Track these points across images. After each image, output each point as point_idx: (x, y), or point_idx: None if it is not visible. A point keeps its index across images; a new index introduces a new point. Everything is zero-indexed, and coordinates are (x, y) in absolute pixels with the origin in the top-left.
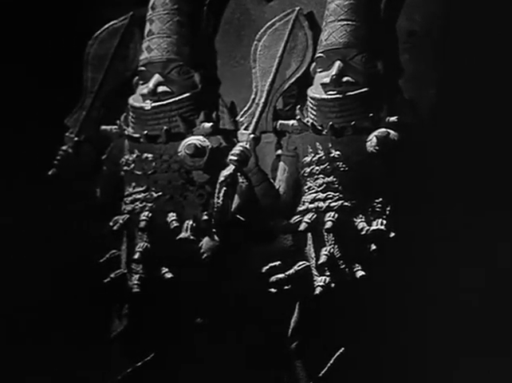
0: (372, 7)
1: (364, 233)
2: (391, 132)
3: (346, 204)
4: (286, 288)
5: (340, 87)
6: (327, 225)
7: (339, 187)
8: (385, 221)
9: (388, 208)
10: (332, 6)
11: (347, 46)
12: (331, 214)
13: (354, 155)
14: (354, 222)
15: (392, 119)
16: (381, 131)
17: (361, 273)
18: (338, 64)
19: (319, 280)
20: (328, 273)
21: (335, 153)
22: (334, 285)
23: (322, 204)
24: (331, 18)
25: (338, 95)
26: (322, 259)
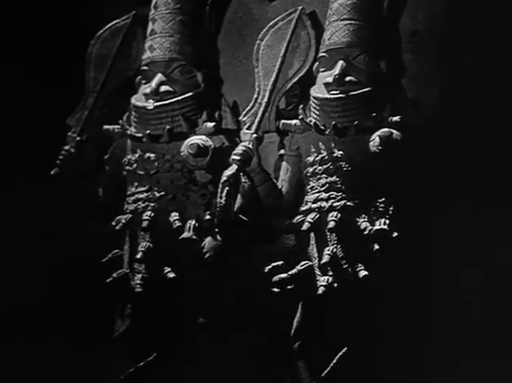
0: (375, 6)
1: (367, 233)
2: (394, 132)
3: (349, 204)
4: (289, 288)
5: (343, 86)
6: (330, 225)
7: (342, 186)
8: (388, 221)
9: (391, 208)
10: (335, 6)
11: (350, 46)
12: (334, 213)
13: (357, 154)
14: (357, 222)
15: (395, 118)
16: (384, 130)
17: (364, 273)
18: (341, 63)
19: (322, 280)
20: (330, 273)
21: (338, 153)
22: (337, 285)
23: (325, 204)
24: (334, 18)
25: (341, 94)
26: (325, 259)
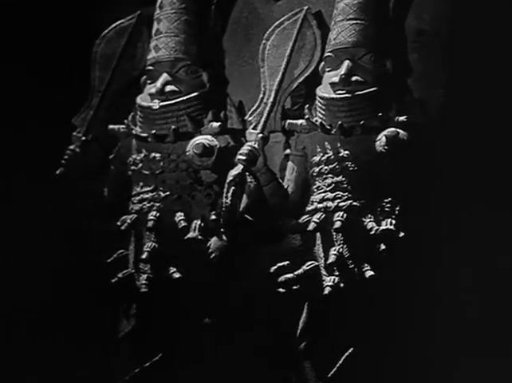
0: (381, 6)
1: (373, 233)
2: (400, 132)
3: (355, 204)
4: (295, 288)
5: (349, 86)
6: (336, 225)
7: (348, 186)
8: (394, 221)
9: (397, 208)
10: (340, 5)
11: (356, 45)
12: (340, 213)
13: (363, 154)
14: (363, 221)
15: (401, 118)
16: (390, 130)
17: (370, 273)
18: (347, 63)
19: (328, 280)
20: (337, 273)
21: (344, 153)
22: (343, 285)
23: (331, 204)
24: (340, 17)
25: (347, 94)
26: (331, 259)
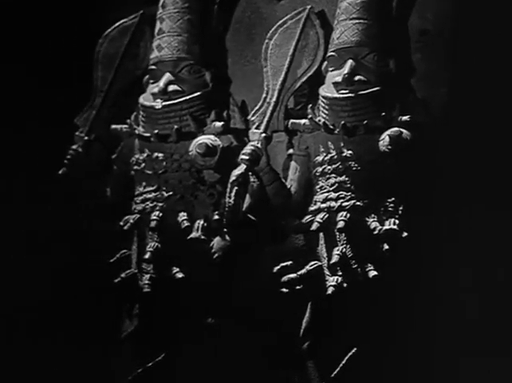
0: (384, 6)
1: (377, 233)
2: (403, 132)
3: (358, 204)
4: (298, 288)
5: (352, 86)
6: (339, 225)
7: (351, 186)
8: (398, 221)
9: (401, 208)
10: (343, 5)
11: (359, 45)
12: (343, 213)
13: (366, 154)
14: (366, 221)
15: (405, 118)
16: (394, 130)
17: (374, 273)
18: (350, 63)
19: (331, 280)
20: (340, 273)
21: (347, 152)
22: (346, 285)
23: (334, 204)
24: (343, 17)
25: (350, 94)
26: (334, 259)
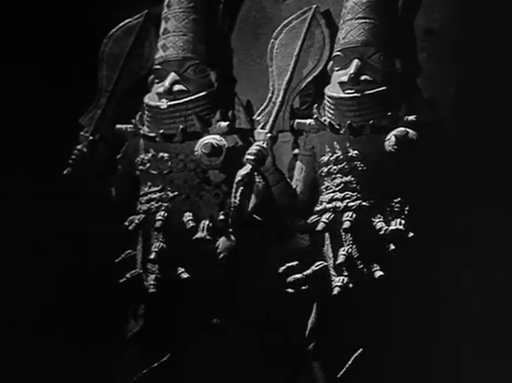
0: (390, 5)
1: (383, 233)
2: (410, 131)
3: (364, 204)
4: (304, 288)
5: (358, 85)
6: (345, 225)
7: (357, 186)
8: (404, 221)
9: (407, 208)
10: (349, 4)
11: (365, 44)
12: (349, 214)
13: (372, 154)
14: (372, 222)
15: (411, 118)
16: (400, 130)
17: (380, 273)
18: (356, 62)
19: (337, 280)
20: (346, 273)
21: (353, 152)
22: (352, 285)
23: (340, 204)
24: (348, 16)
25: (356, 93)
26: (340, 259)
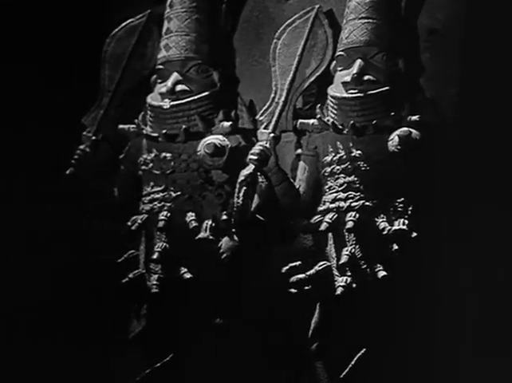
0: (393, 5)
1: (386, 233)
2: (413, 131)
3: (367, 204)
4: (307, 288)
5: (361, 85)
6: (348, 225)
7: (360, 186)
8: (407, 221)
9: (410, 208)
10: (352, 4)
11: (368, 44)
12: (352, 214)
13: (375, 154)
14: (375, 222)
15: (414, 118)
16: (403, 130)
17: (383, 273)
18: (359, 62)
19: (340, 280)
20: (349, 273)
21: (356, 152)
22: (355, 285)
23: (343, 204)
24: (351, 16)
25: (359, 93)
26: (343, 259)
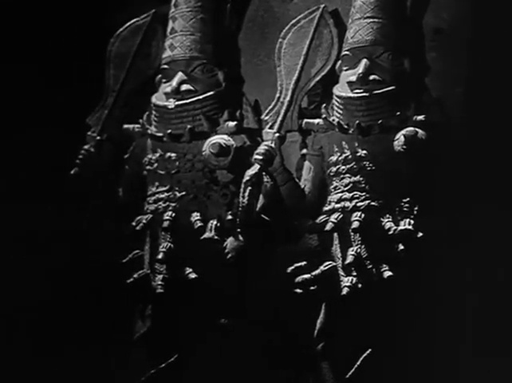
0: (399, 4)
1: (392, 233)
2: (419, 131)
3: (373, 204)
4: (312, 288)
5: (366, 85)
6: (354, 225)
7: (365, 186)
8: (413, 221)
9: (416, 208)
10: (358, 4)
11: (373, 44)
12: (358, 214)
13: (381, 154)
14: (381, 222)
15: (420, 117)
16: (409, 129)
17: (388, 273)
18: (365, 62)
19: (346, 280)
20: (354, 273)
21: (361, 152)
22: (361, 285)
23: (349, 204)
24: (357, 16)
25: (365, 93)
26: (349, 259)
